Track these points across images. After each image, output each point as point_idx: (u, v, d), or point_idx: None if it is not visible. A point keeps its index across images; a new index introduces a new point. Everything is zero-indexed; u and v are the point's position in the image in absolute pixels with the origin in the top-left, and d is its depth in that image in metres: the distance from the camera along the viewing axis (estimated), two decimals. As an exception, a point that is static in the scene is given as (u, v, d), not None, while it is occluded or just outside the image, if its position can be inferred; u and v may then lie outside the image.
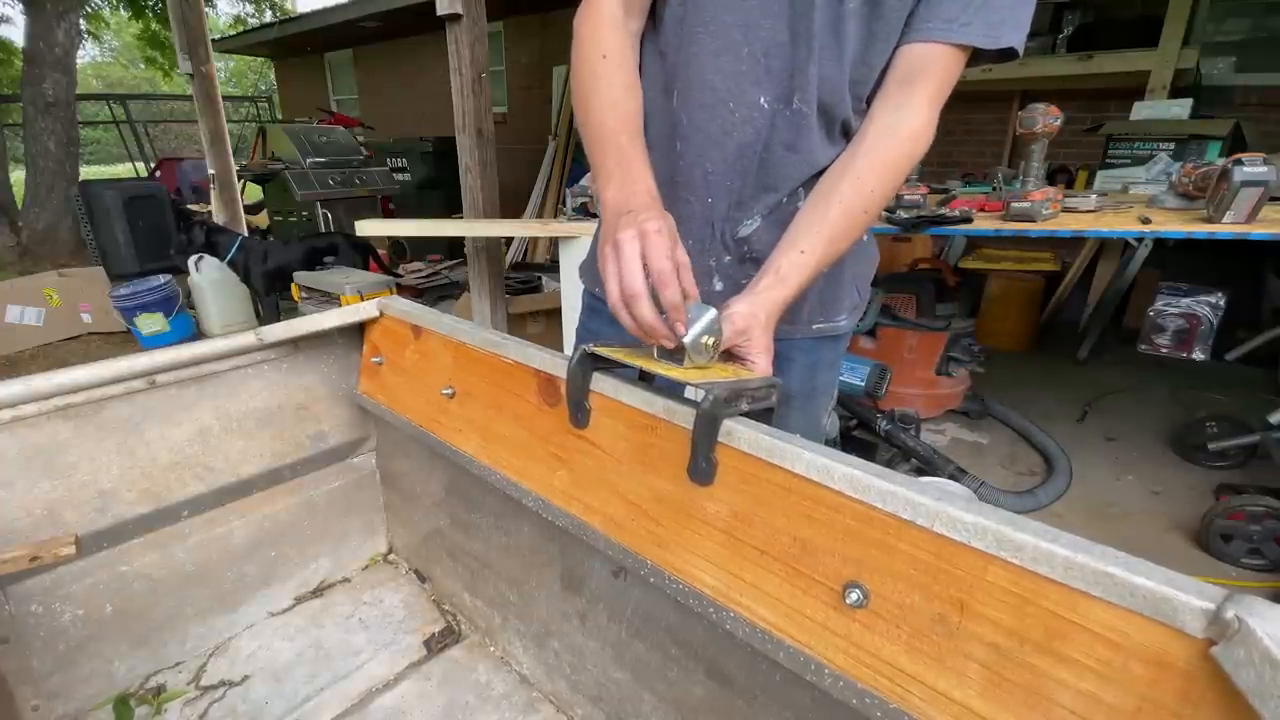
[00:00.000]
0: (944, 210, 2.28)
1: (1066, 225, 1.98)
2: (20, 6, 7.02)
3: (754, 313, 0.72)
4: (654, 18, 0.84)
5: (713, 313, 0.66)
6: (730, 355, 0.73)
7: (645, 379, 0.78)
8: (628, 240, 0.65)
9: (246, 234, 4.38)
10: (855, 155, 0.76)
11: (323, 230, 5.11)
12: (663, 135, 0.85)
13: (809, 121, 0.79)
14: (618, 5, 0.80)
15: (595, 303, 0.99)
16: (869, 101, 0.79)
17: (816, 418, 0.99)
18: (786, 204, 0.83)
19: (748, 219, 0.84)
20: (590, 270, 0.99)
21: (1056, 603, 0.46)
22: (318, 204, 5.26)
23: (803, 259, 0.74)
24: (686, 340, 0.65)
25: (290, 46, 10.20)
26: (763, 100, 0.78)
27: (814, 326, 0.90)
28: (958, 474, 2.24)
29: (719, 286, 0.88)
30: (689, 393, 0.74)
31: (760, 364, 0.72)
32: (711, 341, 0.67)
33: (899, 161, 0.75)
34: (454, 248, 5.36)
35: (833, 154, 0.80)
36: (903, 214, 2.22)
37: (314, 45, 10.06)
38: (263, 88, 22.90)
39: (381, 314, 1.18)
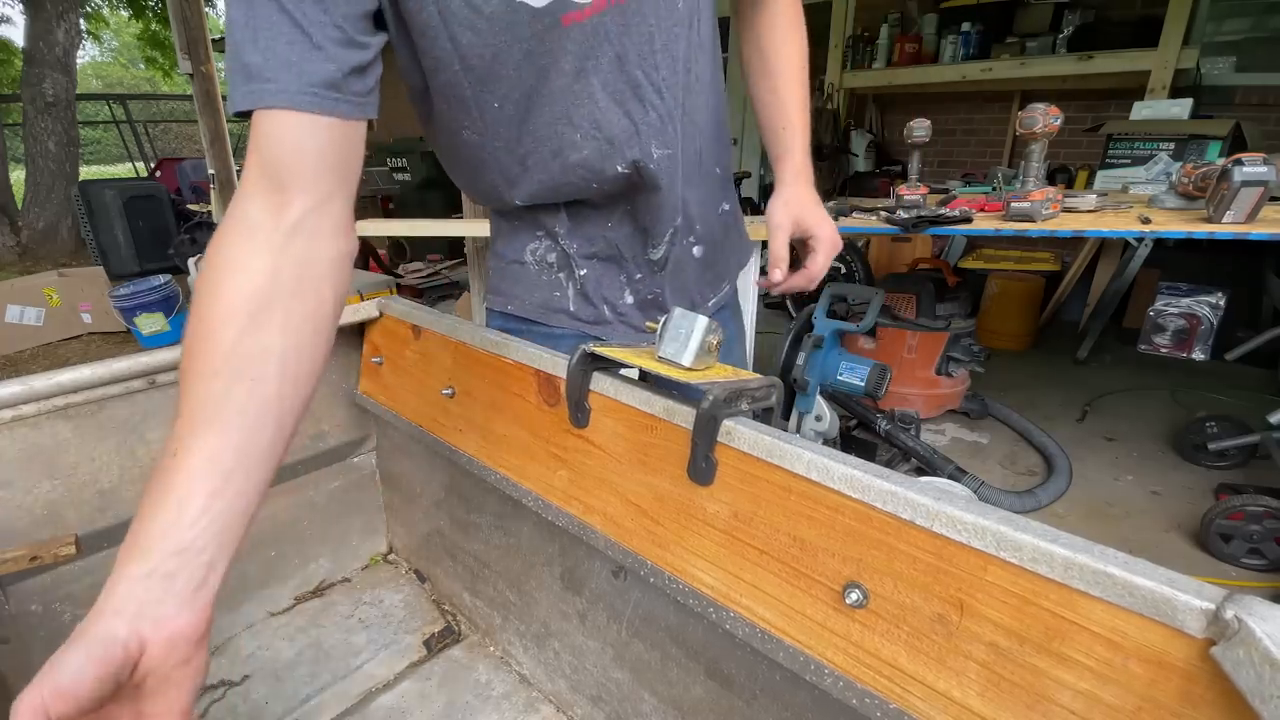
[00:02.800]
0: (944, 210, 2.28)
1: (1066, 225, 1.98)
2: (20, 6, 7.02)
3: (800, 201, 0.82)
4: (454, 135, 0.76)
5: (703, 321, 0.67)
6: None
7: (645, 379, 0.78)
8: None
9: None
10: (761, 45, 0.87)
11: (323, 230, 5.10)
12: (547, 190, 0.80)
13: (677, 152, 0.80)
14: (271, 210, 0.51)
15: (509, 324, 0.96)
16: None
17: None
18: (690, 233, 0.88)
19: (655, 245, 0.86)
20: (499, 289, 0.96)
21: (1056, 603, 0.46)
22: (318, 204, 5.24)
23: (794, 135, 0.87)
24: (685, 361, 0.66)
25: (290, 46, 10.18)
26: (620, 167, 0.77)
27: (709, 304, 0.96)
28: (958, 474, 2.24)
29: (630, 299, 0.90)
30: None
31: (823, 235, 0.81)
32: (715, 342, 0.68)
33: (793, 16, 0.87)
34: (454, 248, 5.36)
35: (706, 160, 0.86)
36: (903, 214, 2.22)
37: (314, 45, 10.04)
38: (263, 88, 22.82)
39: (381, 314, 1.18)
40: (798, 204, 0.86)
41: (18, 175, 7.53)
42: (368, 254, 4.20)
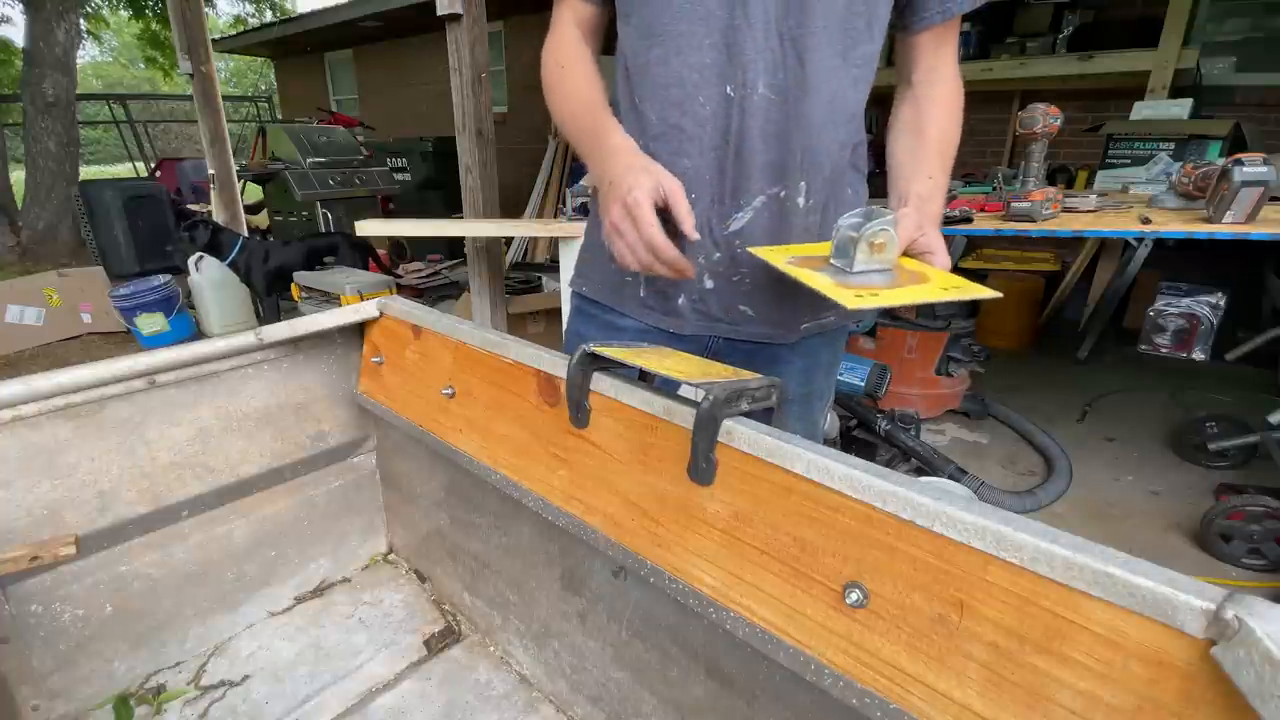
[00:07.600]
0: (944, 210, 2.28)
1: (1066, 225, 1.98)
2: (20, 6, 7.03)
3: (921, 211, 0.75)
4: (617, 37, 0.87)
5: (884, 214, 0.67)
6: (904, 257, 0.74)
7: (645, 379, 0.78)
8: (620, 218, 0.72)
9: (246, 234, 4.38)
10: (920, 111, 0.85)
11: (323, 230, 5.11)
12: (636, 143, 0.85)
13: (788, 107, 0.78)
14: (573, 26, 0.90)
15: (584, 305, 0.99)
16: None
17: (814, 420, 0.99)
18: (785, 197, 0.82)
19: (737, 213, 0.83)
20: (581, 272, 0.99)
21: (1056, 603, 0.46)
22: (318, 204, 5.25)
23: (933, 184, 0.79)
24: (852, 267, 0.67)
25: (290, 46, 10.18)
26: (729, 89, 0.78)
27: (802, 327, 0.90)
28: (958, 474, 2.24)
29: (710, 284, 0.87)
30: (688, 392, 0.74)
31: (940, 259, 0.72)
32: (880, 240, 0.67)
33: (955, 108, 0.85)
34: (454, 248, 5.36)
35: (825, 137, 0.82)
36: (903, 214, 2.22)
37: (314, 45, 10.04)
38: (263, 88, 22.91)
39: (381, 314, 1.18)
40: (925, 221, 0.75)
41: (18, 175, 7.53)
42: (368, 254, 4.19)
